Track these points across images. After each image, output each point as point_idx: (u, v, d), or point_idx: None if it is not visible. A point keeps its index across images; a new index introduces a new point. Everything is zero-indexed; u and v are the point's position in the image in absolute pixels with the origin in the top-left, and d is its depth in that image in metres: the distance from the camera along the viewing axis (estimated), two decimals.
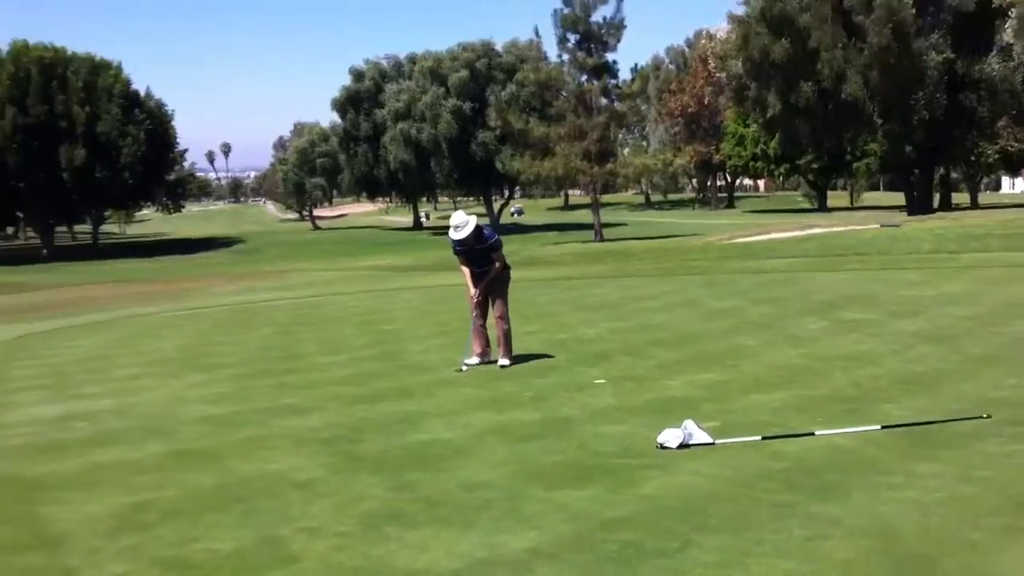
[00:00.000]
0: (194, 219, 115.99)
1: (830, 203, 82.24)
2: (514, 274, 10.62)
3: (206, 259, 60.42)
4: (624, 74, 55.30)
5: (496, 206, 74.49)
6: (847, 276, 17.15)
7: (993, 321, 11.26)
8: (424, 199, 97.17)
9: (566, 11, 46.08)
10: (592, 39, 46.46)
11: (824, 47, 42.01)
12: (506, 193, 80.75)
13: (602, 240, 47.15)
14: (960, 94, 41.84)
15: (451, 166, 66.17)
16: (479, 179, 68.85)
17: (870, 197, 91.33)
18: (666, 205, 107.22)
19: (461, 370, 10.08)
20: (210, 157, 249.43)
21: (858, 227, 27.62)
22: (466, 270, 10.42)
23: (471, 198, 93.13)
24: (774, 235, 28.46)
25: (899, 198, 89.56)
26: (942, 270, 17.05)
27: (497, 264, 10.30)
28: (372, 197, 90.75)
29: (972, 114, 42.79)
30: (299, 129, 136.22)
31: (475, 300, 10.36)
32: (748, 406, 7.75)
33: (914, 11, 39.81)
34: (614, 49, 47.13)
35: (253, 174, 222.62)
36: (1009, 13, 34.61)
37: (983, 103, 41.80)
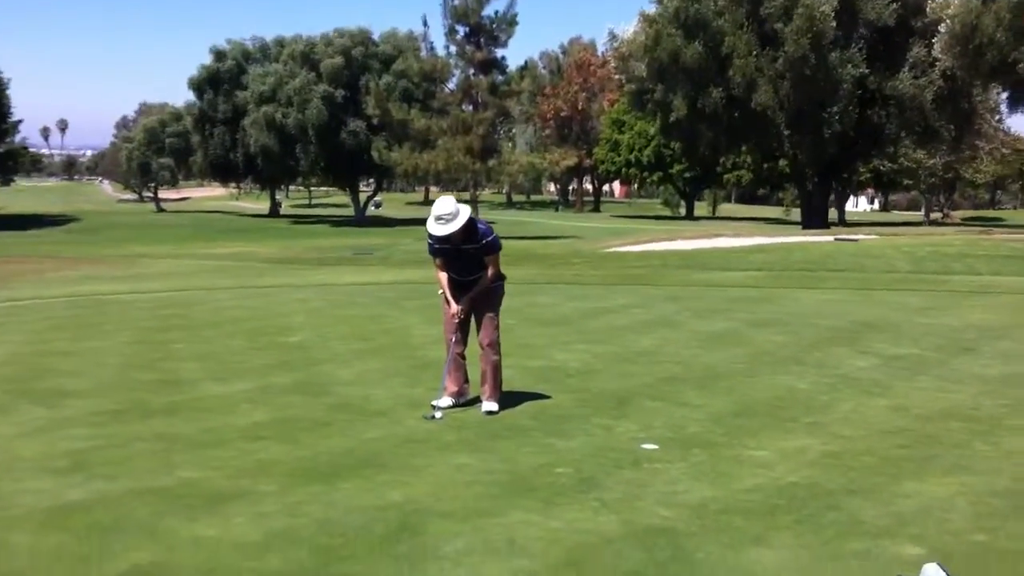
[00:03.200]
0: (24, 194, 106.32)
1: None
2: (417, 274, 7.65)
3: (35, 237, 54.33)
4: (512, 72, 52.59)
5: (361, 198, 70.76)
6: (834, 297, 14.87)
7: None
8: (280, 187, 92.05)
9: (456, 2, 43.44)
10: (482, 32, 43.91)
11: (738, 53, 40.41)
12: (372, 185, 77.01)
13: None
14: (869, 110, 41.06)
15: (318, 153, 62.01)
16: (346, 168, 64.91)
17: (724, 209, 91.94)
18: (527, 206, 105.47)
19: (434, 416, 7.03)
20: (45, 133, 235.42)
21: (806, 239, 25.77)
22: (444, 277, 7.37)
23: (334, 188, 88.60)
24: (688, 243, 26.34)
25: (752, 210, 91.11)
26: (941, 294, 15.02)
27: (490, 272, 7.29)
28: (225, 182, 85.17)
29: (880, 130, 42.10)
30: (145, 109, 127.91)
31: (455, 320, 7.33)
32: (924, 505, 5.07)
33: (835, 24, 38.74)
34: (504, 45, 44.82)
35: (90, 152, 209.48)
36: (939, 28, 33.84)
37: (891, 120, 41.13)
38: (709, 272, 18.41)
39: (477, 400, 7.44)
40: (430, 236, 7.16)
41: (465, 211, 7.03)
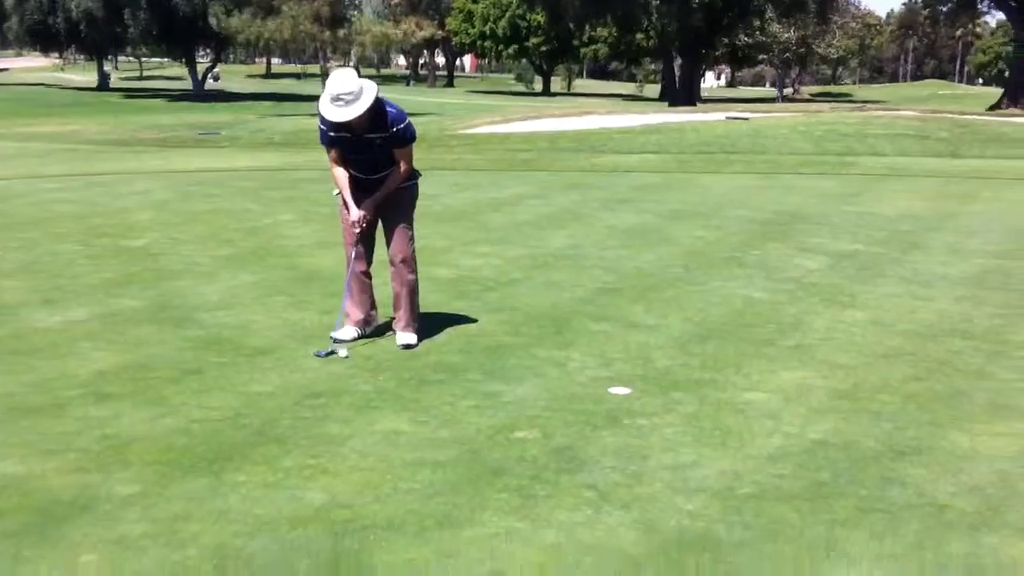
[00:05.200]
0: None
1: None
2: (277, 158, 6.04)
3: None
4: None
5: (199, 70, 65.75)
6: (743, 182, 13.80)
7: None
8: (107, 57, 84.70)
9: None
10: None
11: None
12: (210, 56, 71.79)
13: None
14: None
15: (149, 19, 56.71)
16: (181, 37, 59.79)
17: (578, 84, 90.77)
18: (377, 80, 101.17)
19: (335, 352, 5.51)
20: None
21: (694, 118, 24.59)
22: (341, 175, 5.73)
23: (167, 59, 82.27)
24: (560, 123, 24.86)
25: (606, 86, 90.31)
26: (853, 178, 14.20)
27: (402, 168, 5.69)
28: (47, 51, 77.71)
29: (747, 1, 41.07)
30: None
31: (358, 229, 5.74)
32: (1000, 472, 4.01)
33: None
34: None
35: None
36: None
37: None
38: (602, 155, 17.04)
39: (387, 328, 5.97)
40: (323, 121, 5.48)
41: (371, 89, 5.37)
